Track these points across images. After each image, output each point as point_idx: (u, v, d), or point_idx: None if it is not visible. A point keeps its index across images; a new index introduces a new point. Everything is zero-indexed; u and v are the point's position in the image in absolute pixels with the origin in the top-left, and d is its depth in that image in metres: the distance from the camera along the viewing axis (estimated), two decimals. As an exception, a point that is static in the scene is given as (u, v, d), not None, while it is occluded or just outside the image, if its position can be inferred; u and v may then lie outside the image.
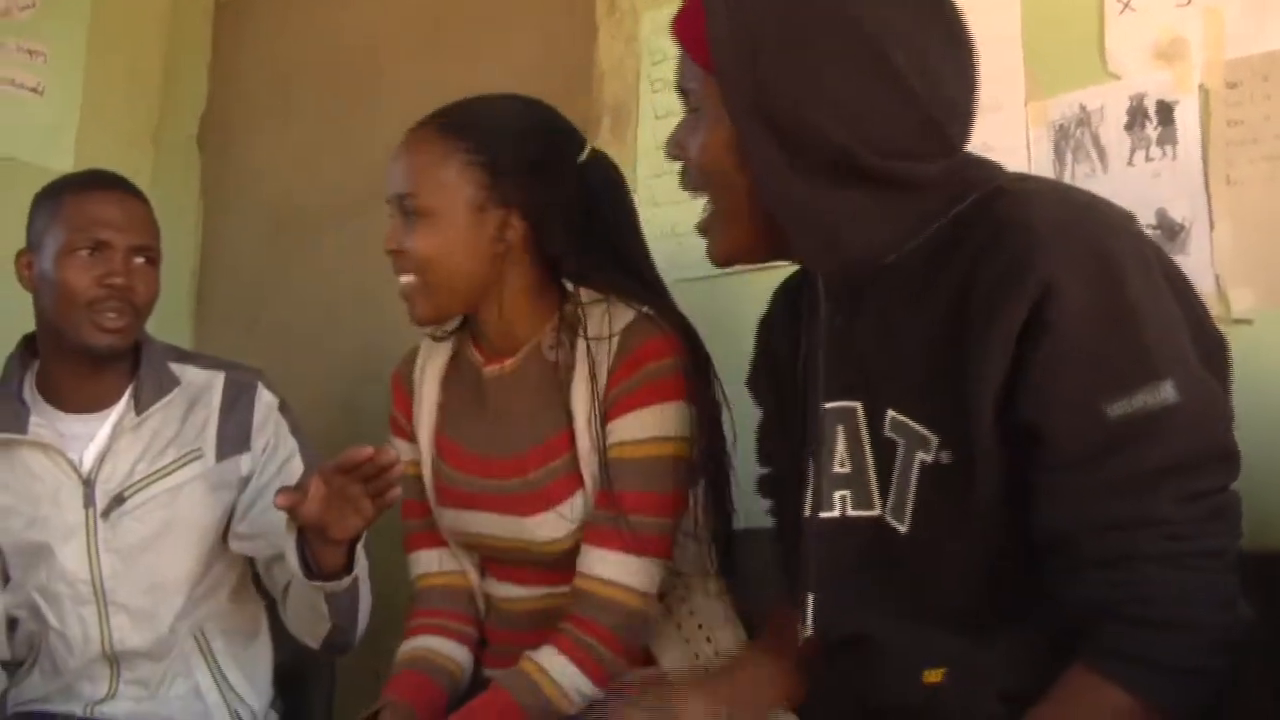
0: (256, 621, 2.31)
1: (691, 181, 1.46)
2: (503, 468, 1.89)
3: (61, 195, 2.17)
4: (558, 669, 1.75)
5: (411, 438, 2.01)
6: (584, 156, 1.90)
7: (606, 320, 1.83)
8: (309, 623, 2.05)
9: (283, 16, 3.29)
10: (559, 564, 1.85)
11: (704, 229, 1.47)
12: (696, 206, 2.35)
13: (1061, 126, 1.92)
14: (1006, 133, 1.95)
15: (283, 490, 1.77)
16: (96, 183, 2.21)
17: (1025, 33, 1.97)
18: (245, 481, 2.21)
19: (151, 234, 2.19)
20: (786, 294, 1.61)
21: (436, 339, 2.01)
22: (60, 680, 2.18)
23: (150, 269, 2.18)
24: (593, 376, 1.81)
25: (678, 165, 1.50)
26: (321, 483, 1.74)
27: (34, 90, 3.21)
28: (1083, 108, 1.90)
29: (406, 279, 1.84)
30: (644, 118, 2.48)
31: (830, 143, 1.30)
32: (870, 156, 1.30)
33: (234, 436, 2.20)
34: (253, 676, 2.27)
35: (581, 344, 1.84)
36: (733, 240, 1.45)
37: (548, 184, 1.83)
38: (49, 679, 2.20)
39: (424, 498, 1.99)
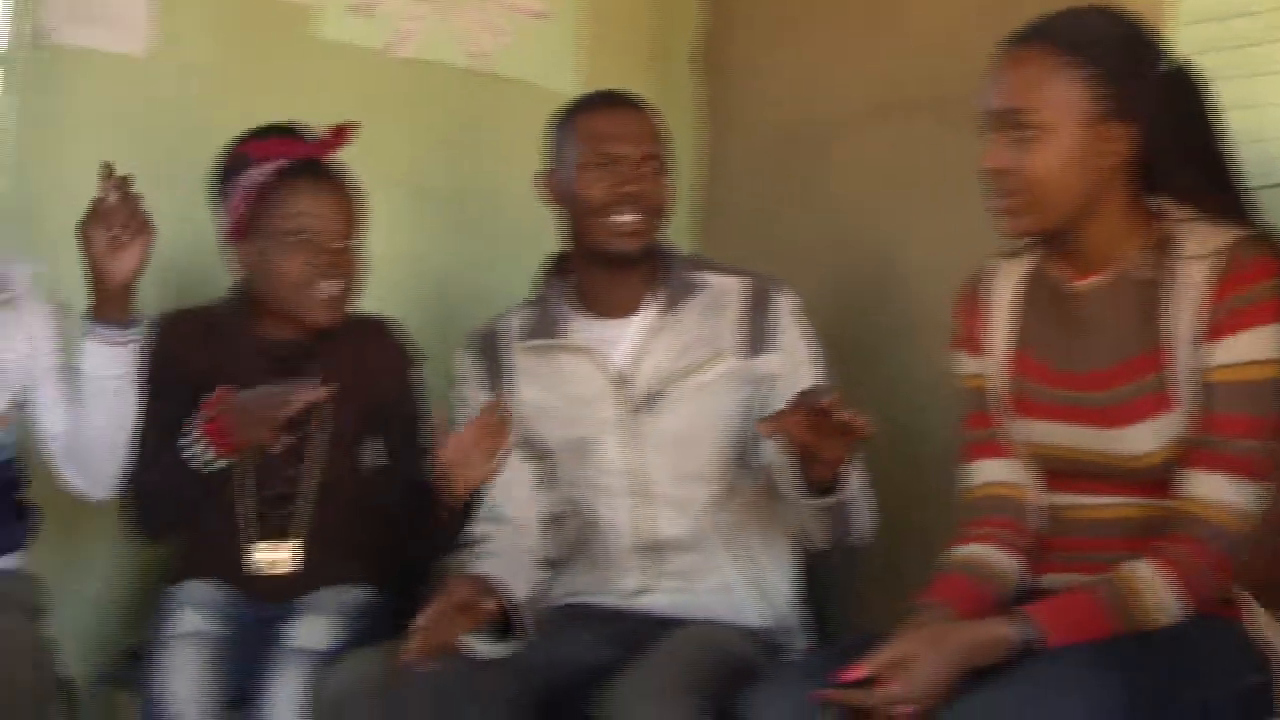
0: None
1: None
2: (1085, 381, 1.89)
3: (574, 115, 2.35)
4: (1151, 584, 1.74)
5: (979, 352, 2.03)
6: (1169, 66, 1.86)
7: (1204, 239, 1.80)
8: (804, 529, 2.18)
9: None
10: (1135, 477, 1.86)
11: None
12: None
13: None
14: None
15: (762, 420, 1.94)
16: (606, 100, 2.38)
17: None
18: (768, 380, 2.29)
19: (661, 144, 2.34)
20: None
21: (1011, 256, 2.02)
22: (599, 573, 2.34)
23: (662, 176, 2.31)
24: (1192, 297, 1.79)
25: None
26: (800, 410, 1.86)
27: (540, 15, 3.31)
28: None
29: (1009, 198, 1.85)
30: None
31: None
32: None
33: (758, 336, 2.30)
34: (779, 573, 2.35)
35: (1179, 263, 1.81)
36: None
37: (1150, 94, 1.81)
38: (588, 572, 2.36)
39: (989, 410, 2.01)
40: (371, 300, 2.54)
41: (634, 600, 2.31)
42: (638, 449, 2.28)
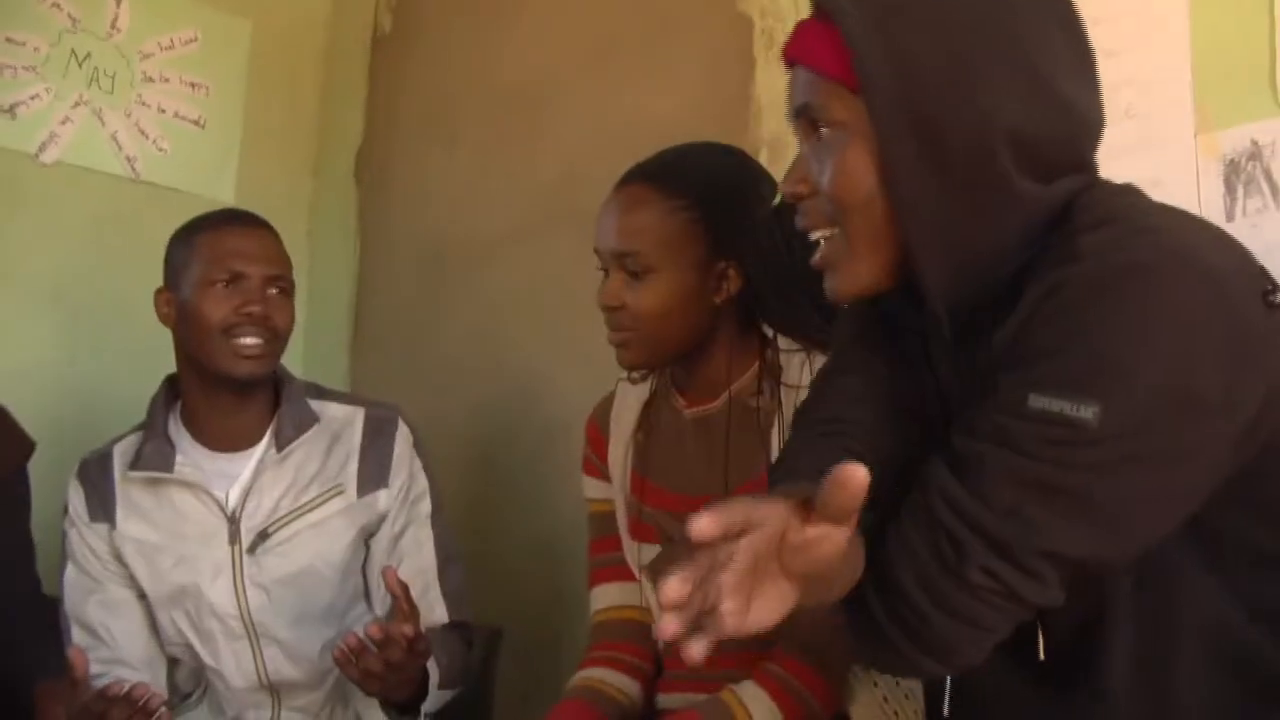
0: None
1: (819, 217, 1.32)
2: (700, 506, 1.87)
3: (196, 232, 2.22)
4: (755, 703, 1.76)
5: (604, 477, 2.05)
6: (778, 201, 1.87)
7: (806, 369, 1.84)
8: None
9: (442, 49, 3.30)
10: None
11: (829, 263, 1.33)
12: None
13: (1232, 160, 1.87)
14: (1175, 166, 1.91)
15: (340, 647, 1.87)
16: (230, 219, 2.27)
17: (1195, 64, 1.92)
18: (383, 517, 2.23)
19: (285, 265, 2.24)
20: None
21: (634, 381, 2.03)
22: (225, 715, 2.23)
23: (285, 299, 2.22)
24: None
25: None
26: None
27: (196, 123, 3.29)
28: (1254, 142, 1.85)
29: (623, 332, 1.86)
30: (802, 152, 2.47)
31: (986, 157, 1.20)
32: (1023, 174, 1.21)
33: (374, 472, 2.23)
34: None
35: (784, 391, 1.85)
36: (863, 272, 1.30)
37: (758, 234, 1.83)
38: (216, 712, 2.24)
39: (612, 534, 2.02)
40: (12, 409, 2.41)
41: None
42: (250, 591, 2.17)
